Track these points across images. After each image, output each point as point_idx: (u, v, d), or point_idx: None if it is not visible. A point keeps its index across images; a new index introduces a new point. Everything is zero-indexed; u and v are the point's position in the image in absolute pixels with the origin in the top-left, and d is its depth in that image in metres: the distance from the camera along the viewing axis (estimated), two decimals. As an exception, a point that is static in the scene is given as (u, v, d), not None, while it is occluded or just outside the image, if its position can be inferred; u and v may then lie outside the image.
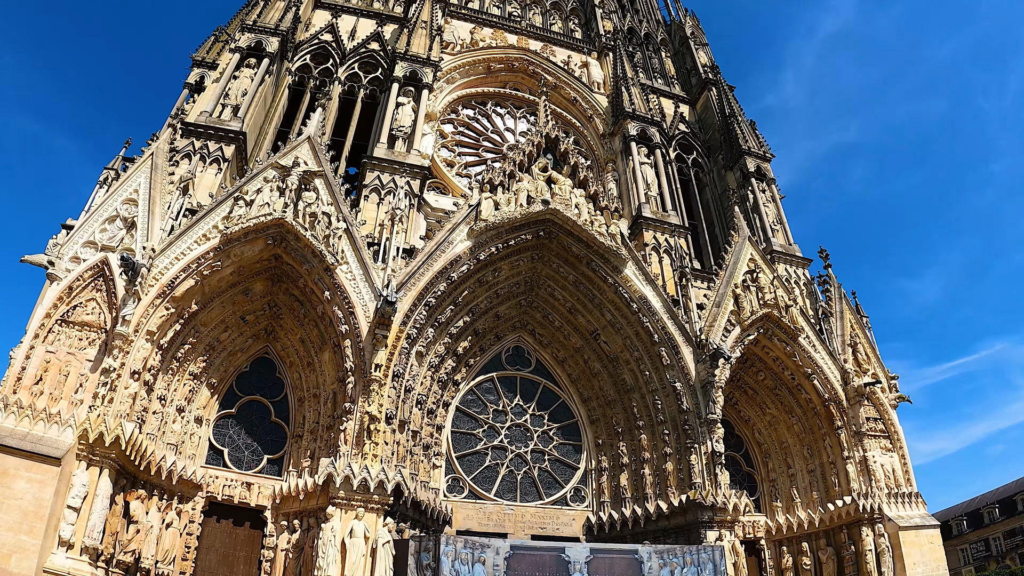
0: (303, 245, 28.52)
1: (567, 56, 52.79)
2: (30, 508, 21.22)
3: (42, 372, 23.94)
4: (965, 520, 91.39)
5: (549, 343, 35.32)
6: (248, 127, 35.62)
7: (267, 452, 29.30)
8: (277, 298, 30.09)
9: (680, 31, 61.86)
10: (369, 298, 28.39)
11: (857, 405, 34.72)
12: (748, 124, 49.86)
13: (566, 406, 34.72)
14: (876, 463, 33.76)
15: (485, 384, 34.01)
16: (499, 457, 32.55)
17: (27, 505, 21.23)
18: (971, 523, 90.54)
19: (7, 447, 21.93)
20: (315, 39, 44.68)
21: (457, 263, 31.08)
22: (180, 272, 26.90)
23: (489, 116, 48.66)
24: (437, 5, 48.24)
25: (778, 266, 40.62)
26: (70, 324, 25.05)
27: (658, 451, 31.95)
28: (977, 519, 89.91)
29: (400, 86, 40.39)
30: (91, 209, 27.51)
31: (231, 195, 28.72)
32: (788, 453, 35.89)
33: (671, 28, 64.18)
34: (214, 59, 44.21)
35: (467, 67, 48.31)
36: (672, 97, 54.81)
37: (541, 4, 58.15)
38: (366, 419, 26.14)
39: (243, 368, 30.32)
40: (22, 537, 20.84)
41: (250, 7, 47.50)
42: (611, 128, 47.71)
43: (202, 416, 28.60)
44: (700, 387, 31.85)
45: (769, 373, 36.01)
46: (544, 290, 34.70)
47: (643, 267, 34.16)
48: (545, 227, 33.33)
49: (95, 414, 23.23)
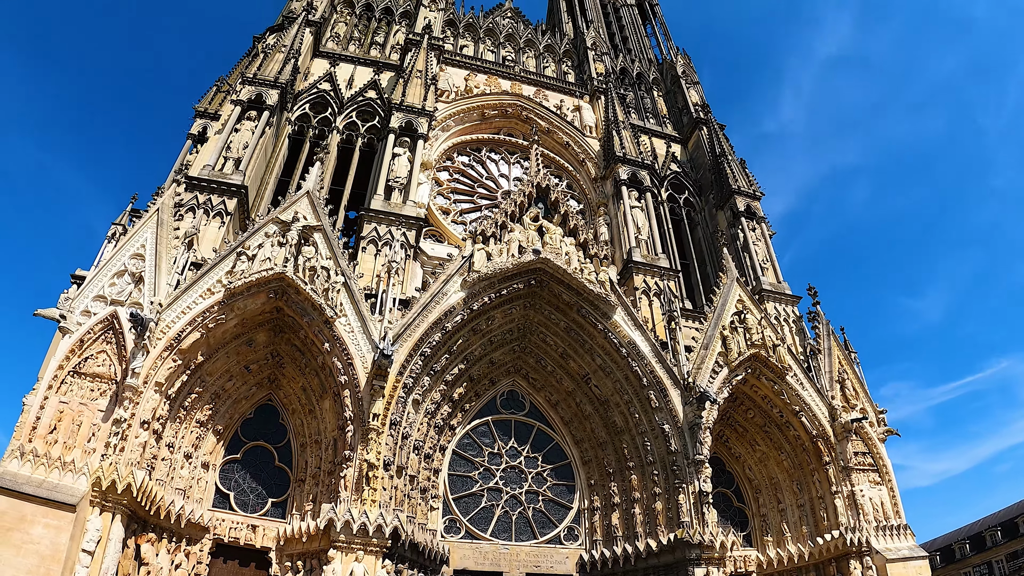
0: (303, 298, 29.55)
1: (560, 100, 53.81)
2: (47, 552, 22.16)
3: (56, 421, 24.90)
4: (968, 543, 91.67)
5: (542, 387, 36.07)
6: (249, 180, 36.65)
7: (271, 495, 30.20)
8: (279, 348, 31.06)
9: (672, 70, 62.99)
10: (367, 349, 29.38)
11: (844, 441, 35.24)
12: (738, 163, 50.72)
13: (559, 448, 35.42)
14: (864, 497, 34.33)
15: (481, 428, 34.77)
16: (495, 498, 33.26)
17: (44, 549, 22.18)
18: (974, 546, 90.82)
19: (25, 494, 22.87)
20: (314, 88, 45.91)
21: (451, 313, 32.02)
22: (186, 325, 27.91)
23: (484, 162, 49.59)
24: (432, 53, 49.30)
25: (767, 304, 41.47)
26: (82, 375, 26.04)
27: (648, 491, 32.62)
28: (980, 542, 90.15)
29: (396, 136, 41.31)
30: (100, 264, 28.53)
31: (234, 250, 29.81)
32: (778, 488, 36.40)
33: (663, 67, 65.28)
34: (216, 110, 45.43)
35: (462, 114, 49.30)
36: (664, 137, 56.01)
37: (535, 47, 59.58)
38: (365, 466, 27.12)
39: (248, 415, 31.27)
40: (40, 581, 21.77)
41: (251, 58, 48.92)
42: (603, 172, 48.64)
43: (209, 461, 29.55)
44: (688, 429, 32.54)
45: (758, 411, 36.66)
46: (537, 336, 35.50)
47: (632, 312, 34.95)
48: (536, 276, 34.20)
49: (107, 462, 24.17)
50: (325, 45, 50.01)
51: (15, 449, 23.96)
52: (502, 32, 59.70)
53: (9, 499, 22.68)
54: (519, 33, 60.58)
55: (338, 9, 54.10)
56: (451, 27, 57.40)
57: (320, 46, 49.47)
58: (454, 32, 57.23)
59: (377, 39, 53.21)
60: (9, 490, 22.83)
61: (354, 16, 54.76)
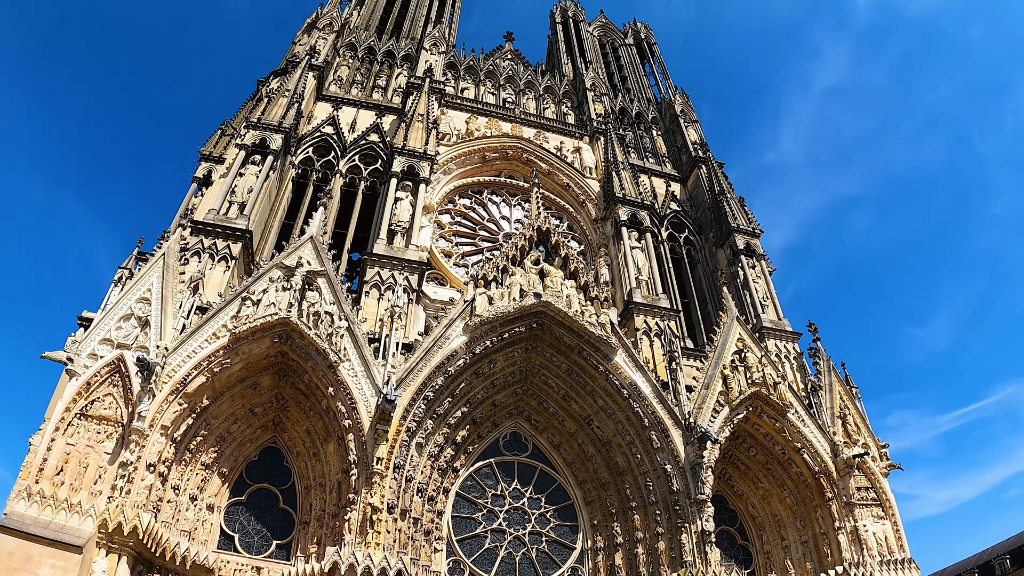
0: (307, 343, 29.87)
1: (560, 142, 54.41)
2: (54, 593, 22.38)
3: (63, 463, 25.16)
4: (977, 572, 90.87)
5: (545, 428, 36.16)
6: (254, 224, 37.17)
7: (276, 538, 30.26)
8: (284, 392, 31.34)
9: (670, 109, 63.74)
10: (370, 394, 29.72)
11: (847, 476, 35.24)
12: (737, 201, 51.23)
13: (562, 489, 35.42)
14: (868, 532, 34.28)
15: (484, 469, 34.84)
16: (498, 539, 33.24)
17: (51, 591, 22.40)
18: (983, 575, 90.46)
19: (32, 535, 23.14)
20: (317, 132, 46.67)
21: (454, 357, 32.36)
22: (192, 369, 28.27)
23: (485, 205, 50.16)
24: (433, 96, 49.97)
25: (768, 342, 41.65)
26: (89, 418, 26.35)
27: (650, 531, 32.69)
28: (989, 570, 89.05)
29: (398, 180, 41.92)
30: (107, 307, 29.10)
31: (239, 295, 30.26)
32: (781, 525, 36.26)
33: (662, 106, 66.13)
34: (221, 153, 46.21)
35: (463, 157, 49.97)
36: (663, 176, 56.56)
37: (535, 89, 60.46)
38: (368, 510, 27.34)
39: (252, 457, 31.45)
40: (46, 623, 21.94)
41: (255, 102, 49.70)
42: (603, 213, 49.08)
43: (214, 504, 29.68)
44: (689, 468, 32.72)
45: (760, 449, 36.70)
46: (539, 379, 35.71)
47: (633, 354, 35.24)
48: (538, 319, 34.58)
49: (114, 504, 24.47)
50: (328, 89, 50.79)
51: (22, 490, 24.21)
52: (502, 74, 60.60)
53: (16, 540, 22.94)
54: (519, 75, 61.49)
55: (341, 53, 55.02)
56: (452, 70, 58.29)
57: (323, 90, 50.26)
58: (455, 75, 58.10)
59: (379, 82, 54.07)
60: (16, 531, 23.09)
61: (356, 59, 55.60)
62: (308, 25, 56.25)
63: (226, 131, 48.91)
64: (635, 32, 79.10)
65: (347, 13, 60.40)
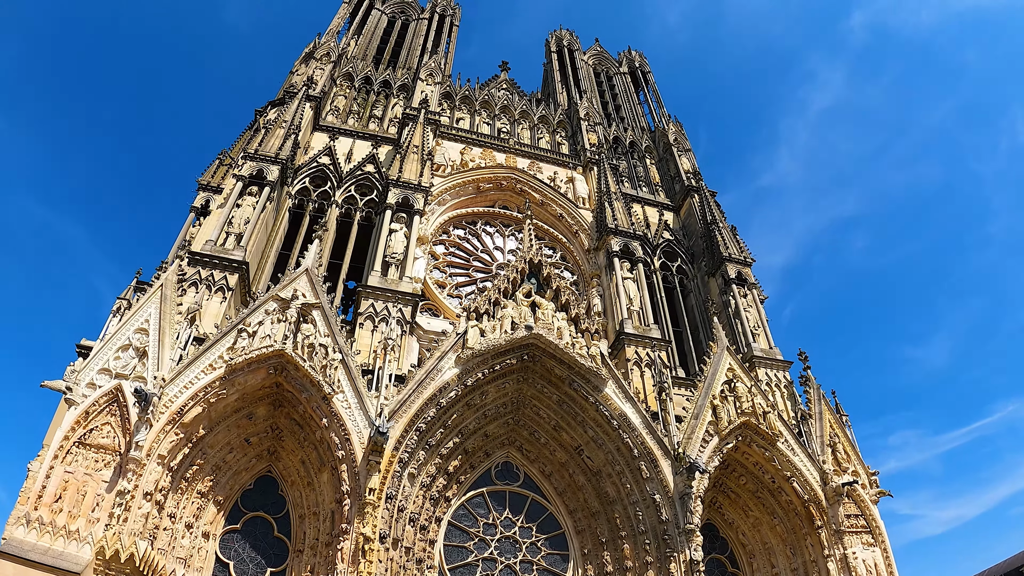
0: (302, 375, 30.40)
1: (553, 172, 55.06)
2: (52, 618, 22.79)
3: (61, 490, 25.58)
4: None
5: (536, 458, 36.45)
6: (250, 255, 37.65)
7: (270, 565, 30.59)
8: (279, 421, 31.77)
9: (664, 138, 64.38)
10: (364, 425, 30.15)
11: (836, 504, 35.46)
12: (729, 230, 51.80)
13: (553, 518, 35.64)
14: (857, 559, 34.38)
15: (476, 499, 35.13)
16: (489, 568, 33.51)
17: (50, 615, 22.81)
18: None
19: (31, 561, 23.55)
20: (313, 162, 47.07)
21: (446, 389, 32.82)
22: (189, 400, 28.77)
23: (479, 235, 50.67)
24: (428, 128, 50.62)
25: (759, 370, 42.13)
26: (87, 446, 26.77)
27: (640, 560, 32.90)
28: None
29: (392, 212, 42.45)
30: (105, 337, 29.52)
31: (235, 327, 30.77)
32: (772, 553, 36.45)
33: (655, 135, 66.75)
34: (218, 183, 46.85)
35: (457, 188, 50.52)
36: (656, 205, 57.11)
37: (529, 119, 61.10)
38: (361, 539, 27.71)
39: (247, 486, 31.81)
40: (43, 647, 22.39)
41: (252, 131, 50.42)
42: (595, 243, 49.55)
43: (209, 531, 30.04)
44: (678, 498, 32.97)
45: (750, 477, 36.98)
46: (530, 409, 36.07)
47: (623, 385, 35.60)
48: (529, 351, 35.02)
49: (111, 532, 24.89)
50: (325, 119, 51.38)
51: (21, 516, 24.64)
52: (497, 104, 61.26)
53: (15, 565, 23.36)
54: (514, 104, 62.16)
55: (338, 83, 55.64)
56: (448, 99, 58.97)
57: (320, 120, 50.85)
58: (451, 104, 58.77)
59: (376, 112, 54.64)
60: (15, 556, 23.52)
61: (353, 89, 56.28)
62: (306, 55, 56.96)
63: (224, 161, 49.56)
64: (629, 60, 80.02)
65: (344, 43, 61.20)
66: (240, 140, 51.97)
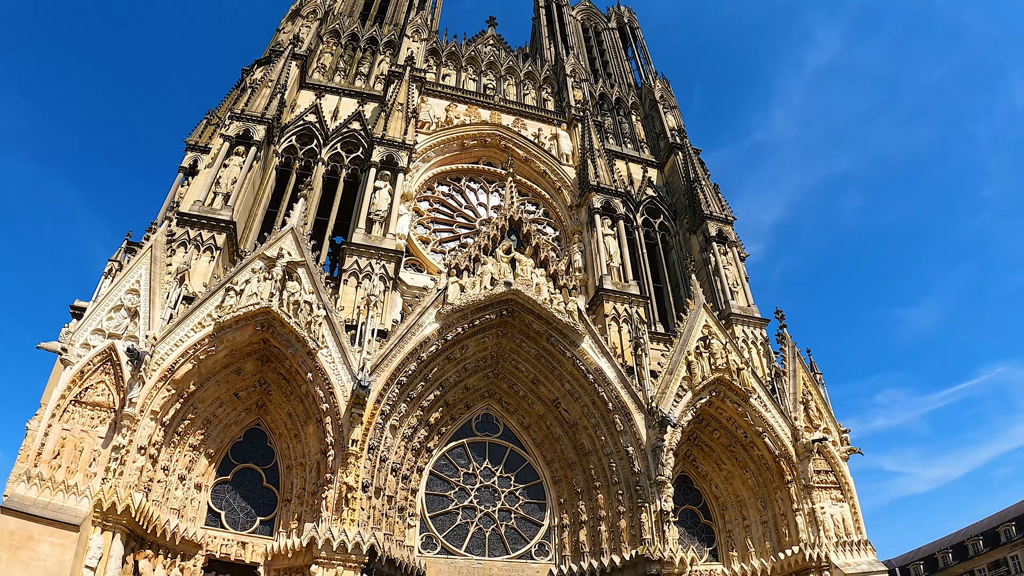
0: (288, 331, 31.36)
1: (538, 129, 55.40)
2: (53, 569, 23.99)
3: (59, 447, 26.74)
4: (950, 552, 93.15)
5: (515, 411, 37.53)
6: (238, 214, 38.26)
7: (260, 514, 31.91)
8: (266, 376, 32.82)
9: (650, 95, 64.48)
10: (347, 379, 31.16)
11: (806, 460, 36.41)
12: (711, 188, 52.29)
13: (531, 468, 36.88)
14: (826, 513, 35.51)
15: (456, 449, 36.29)
16: (469, 516, 34.81)
17: (51, 566, 24.01)
18: (956, 555, 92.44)
19: (32, 515, 24.72)
20: (300, 120, 47.35)
21: (426, 344, 33.79)
22: (179, 357, 29.79)
23: (463, 192, 51.29)
24: (414, 85, 50.76)
25: (736, 327, 43.15)
26: (83, 404, 27.91)
27: (613, 509, 34.13)
28: (962, 551, 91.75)
29: (377, 170, 42.87)
30: (98, 298, 30.48)
31: (223, 285, 31.66)
32: (743, 505, 37.58)
33: (641, 92, 66.70)
34: (206, 143, 47.08)
35: (442, 145, 51.06)
36: (641, 162, 57.62)
37: (515, 75, 61.07)
38: (344, 488, 29.01)
39: (237, 438, 33.00)
40: (47, 594, 23.66)
41: (239, 91, 50.53)
42: (578, 200, 50.18)
43: (201, 483, 31.32)
44: (651, 451, 34.00)
45: (724, 432, 37.95)
46: (509, 363, 37.06)
47: (599, 340, 36.55)
48: (508, 306, 35.89)
49: (108, 485, 26.05)
50: (311, 76, 51.45)
51: (21, 473, 25.77)
52: (484, 60, 61.30)
53: (17, 520, 24.51)
54: (500, 60, 62.17)
55: (324, 40, 55.48)
56: (434, 56, 58.98)
57: (306, 78, 50.92)
58: (437, 61, 58.82)
59: (362, 69, 54.63)
60: (17, 511, 24.68)
61: (339, 46, 56.13)
62: (292, 12, 56.72)
63: (211, 120, 49.78)
64: (618, 16, 79.76)
65: (331, 0, 61.07)
66: (227, 99, 52.11)
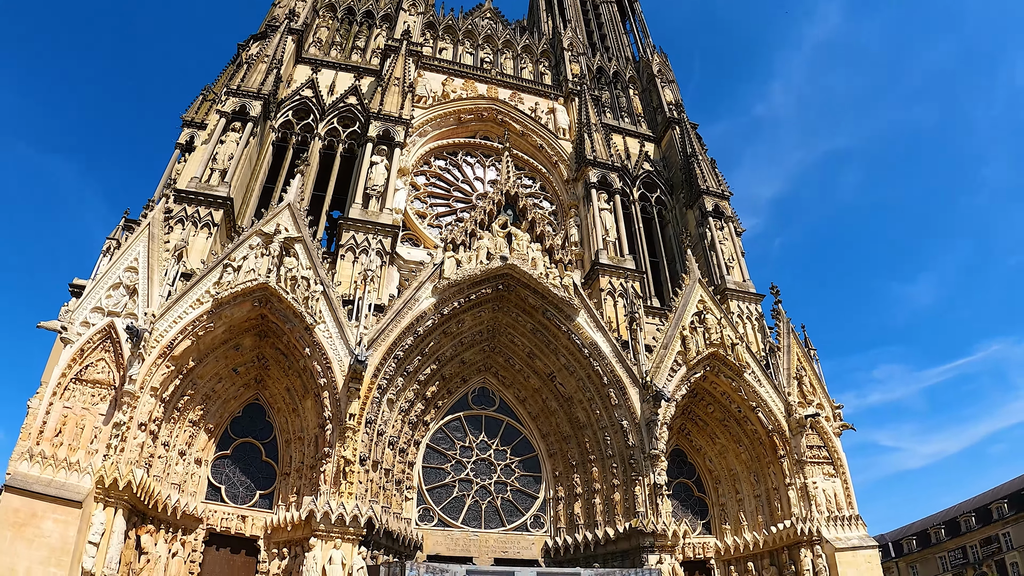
0: (285, 307, 31.63)
1: (535, 103, 55.04)
2: (57, 544, 24.51)
3: (61, 425, 27.19)
4: (943, 528, 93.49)
5: (511, 384, 37.98)
6: (235, 190, 38.28)
7: (259, 488, 32.45)
8: (264, 351, 33.15)
9: (648, 69, 64.02)
10: (344, 354, 31.47)
11: (799, 435, 36.74)
12: (708, 163, 52.23)
13: (527, 441, 37.38)
14: (818, 488, 35.98)
15: (453, 423, 36.77)
16: (466, 488, 35.38)
17: (54, 542, 24.53)
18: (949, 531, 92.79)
19: (35, 492, 25.20)
20: (296, 95, 47.12)
21: (423, 318, 34.06)
22: (178, 334, 30.10)
23: (460, 166, 51.16)
24: (410, 59, 50.53)
25: (732, 303, 43.33)
26: (83, 382, 28.28)
27: (607, 482, 34.65)
28: (955, 527, 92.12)
29: (374, 145, 42.79)
30: (97, 277, 30.71)
31: (220, 262, 31.88)
32: (736, 479, 38.10)
33: (639, 66, 66.20)
34: (202, 119, 46.91)
35: (438, 119, 50.83)
36: (638, 136, 57.47)
37: (512, 48, 60.56)
38: (342, 462, 29.42)
39: (236, 413, 33.46)
40: (51, 569, 24.14)
41: (235, 66, 50.34)
42: (574, 174, 50.06)
43: (201, 457, 31.81)
44: (645, 425, 34.37)
45: (718, 406, 38.36)
46: (505, 337, 37.39)
47: (594, 315, 36.72)
48: (504, 281, 36.09)
49: (109, 462, 26.49)
50: (307, 51, 51.18)
51: (24, 451, 26.20)
52: (481, 34, 60.81)
53: (21, 497, 25.02)
54: (498, 34, 61.67)
55: (320, 14, 55.05)
56: (431, 29, 58.45)
57: (302, 52, 50.67)
58: (433, 35, 58.31)
59: (358, 43, 54.30)
60: (21, 489, 25.17)
61: (335, 20, 55.62)
62: (288, -15, 56.41)
63: (207, 96, 49.58)
64: (616, -11, 79.27)
65: (327, -28, 60.46)
66: (223, 75, 51.87)
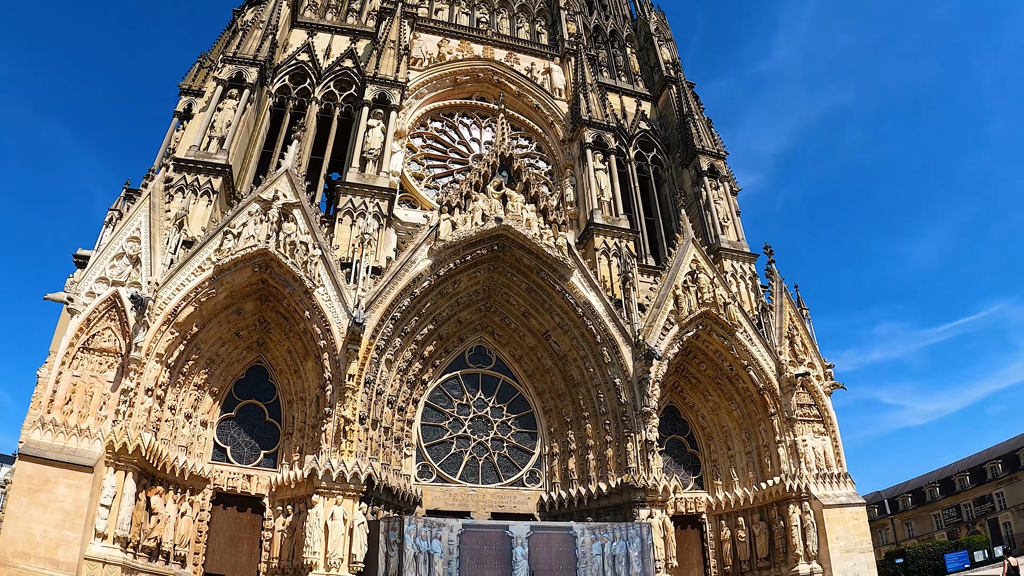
0: (285, 271, 32.41)
1: (531, 63, 54.95)
2: (70, 508, 25.67)
3: (71, 393, 28.14)
4: (938, 487, 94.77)
5: (507, 343, 38.75)
6: (233, 157, 38.82)
7: (263, 448, 33.52)
8: (266, 315, 34.00)
9: (645, 27, 63.25)
10: (343, 316, 32.28)
11: (790, 394, 37.51)
12: (704, 123, 52.24)
13: (523, 398, 38.27)
14: (807, 446, 36.77)
15: (450, 381, 37.65)
16: (463, 445, 36.39)
17: (68, 506, 25.69)
18: (943, 490, 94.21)
19: (48, 459, 26.32)
20: (292, 60, 47.28)
21: (419, 280, 34.75)
22: (181, 301, 30.98)
23: (456, 127, 51.39)
24: (405, 21, 50.60)
25: (726, 262, 43.78)
26: (90, 351, 29.25)
27: (601, 439, 35.62)
28: (949, 486, 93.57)
29: (370, 108, 43.15)
30: (100, 248, 31.53)
31: (221, 229, 32.61)
32: (728, 436, 38.92)
33: (637, 24, 65.67)
34: (200, 86, 46.78)
35: (434, 81, 50.90)
36: (634, 95, 57.26)
37: (509, 7, 60.05)
38: (342, 421, 30.46)
39: (240, 376, 34.39)
40: (65, 532, 25.32)
41: (231, 32, 50.23)
42: (570, 135, 50.20)
43: (206, 420, 32.84)
44: (637, 383, 35.24)
45: (710, 364, 39.05)
46: (500, 296, 38.08)
47: (588, 274, 37.41)
48: (499, 242, 36.76)
49: (118, 427, 27.54)
50: (303, 15, 51.12)
51: (36, 420, 27.24)
52: (477, -8, 60.24)
53: (35, 464, 26.16)
54: (495, -8, 61.20)
55: (315, -24, 55.09)
56: (427, -11, 58.27)
57: (298, 16, 50.64)
58: (430, -6, 58.15)
59: (354, 6, 53.88)
60: (34, 456, 26.30)
61: (332, -18, 55.69)
62: (283, -52, 56.10)
63: (204, 64, 49.49)
64: (614, -55, 78.55)
65: (322, -67, 60.08)
66: (219, 42, 51.84)
